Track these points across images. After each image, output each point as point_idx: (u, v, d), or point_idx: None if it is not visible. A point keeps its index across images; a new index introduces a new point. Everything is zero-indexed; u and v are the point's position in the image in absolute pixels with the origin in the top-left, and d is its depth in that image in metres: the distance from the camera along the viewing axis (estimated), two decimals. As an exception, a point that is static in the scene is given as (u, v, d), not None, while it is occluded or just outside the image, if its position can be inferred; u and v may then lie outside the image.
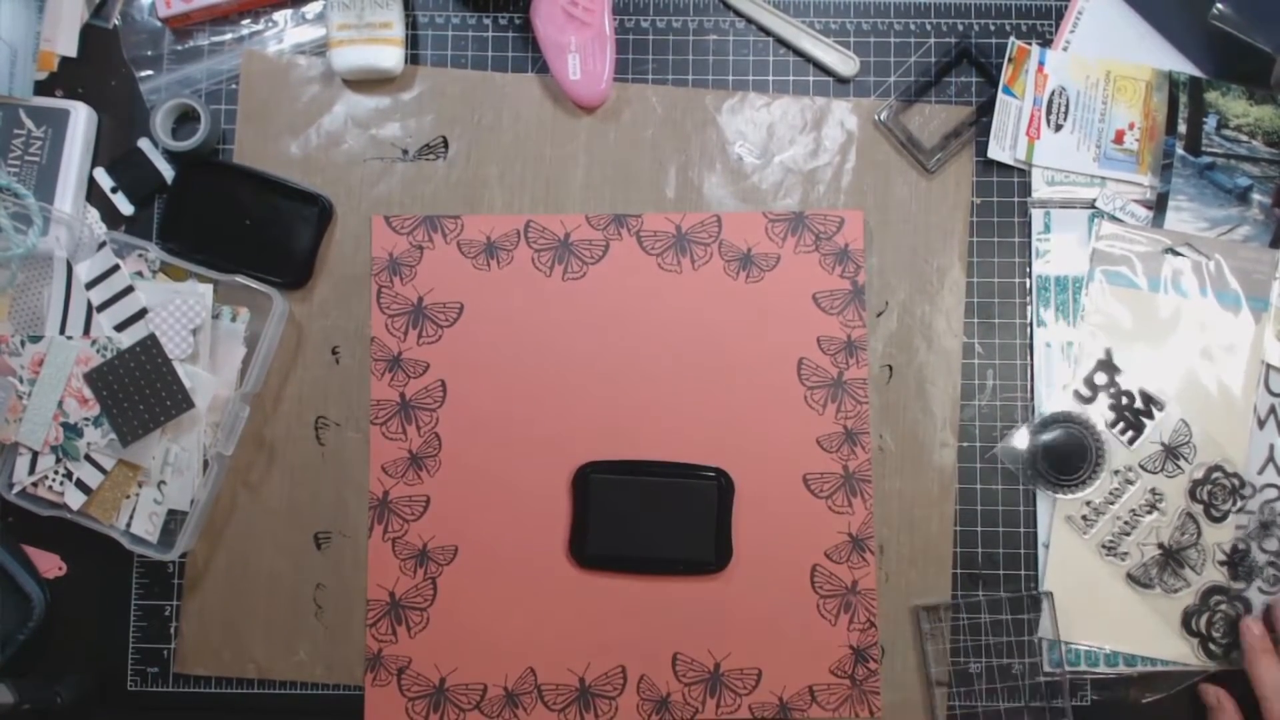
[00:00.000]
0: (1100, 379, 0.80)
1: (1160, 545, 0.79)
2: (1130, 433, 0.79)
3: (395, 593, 0.79)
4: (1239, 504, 0.79)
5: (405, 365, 0.81)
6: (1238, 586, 0.79)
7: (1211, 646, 0.78)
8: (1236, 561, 0.78)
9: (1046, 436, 0.80)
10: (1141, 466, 0.79)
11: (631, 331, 0.81)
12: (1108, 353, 0.80)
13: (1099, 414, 0.79)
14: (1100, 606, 0.79)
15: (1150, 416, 0.79)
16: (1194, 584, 0.79)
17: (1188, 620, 0.79)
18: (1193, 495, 0.79)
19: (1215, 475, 0.79)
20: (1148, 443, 0.80)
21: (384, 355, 0.81)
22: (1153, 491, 0.79)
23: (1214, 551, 0.79)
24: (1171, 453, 0.79)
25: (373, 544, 0.80)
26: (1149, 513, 0.79)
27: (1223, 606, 0.78)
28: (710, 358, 0.80)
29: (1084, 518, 0.79)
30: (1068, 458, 0.79)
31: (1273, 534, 0.79)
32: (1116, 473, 0.79)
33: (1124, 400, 0.80)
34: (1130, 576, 0.79)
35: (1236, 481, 0.79)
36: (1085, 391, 0.80)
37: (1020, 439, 0.79)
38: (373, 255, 0.81)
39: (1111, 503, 0.79)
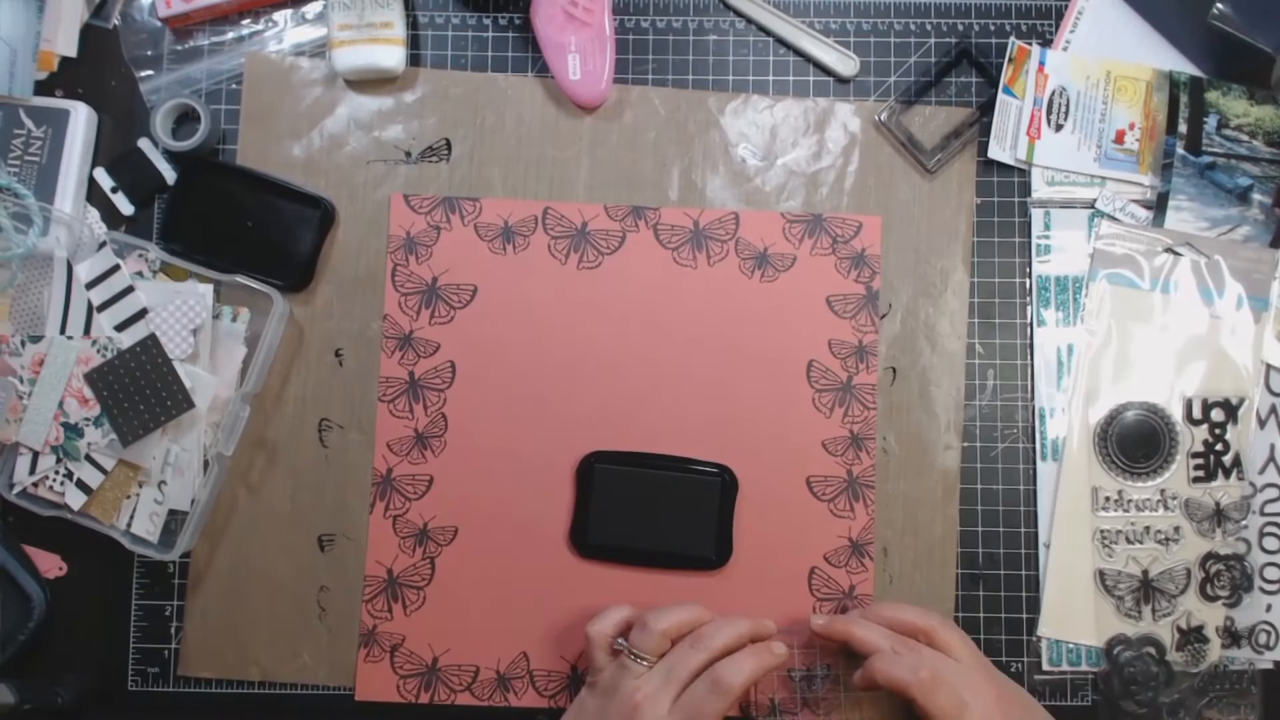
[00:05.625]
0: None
1: (1144, 573, 0.79)
2: (1203, 473, 0.80)
3: (393, 570, 0.80)
4: (1236, 596, 0.79)
5: (416, 344, 0.81)
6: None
7: (1191, 651, 0.79)
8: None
9: (1119, 421, 0.80)
10: (1187, 503, 0.79)
11: (644, 324, 0.81)
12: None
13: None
14: (1101, 606, 0.79)
15: (1227, 477, 0.80)
16: (1145, 621, 0.79)
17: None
18: (1203, 562, 0.79)
19: (1231, 562, 0.79)
20: (1206, 492, 0.80)
21: (395, 333, 0.81)
22: (1175, 529, 0.79)
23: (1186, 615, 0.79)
24: (1220, 515, 0.79)
25: (373, 520, 0.80)
26: (1159, 541, 0.79)
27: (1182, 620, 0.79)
28: (721, 354, 0.81)
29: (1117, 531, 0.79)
30: (1139, 444, 0.80)
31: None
32: (1164, 490, 0.79)
33: (1218, 448, 0.80)
34: (1100, 572, 0.79)
35: (1240, 576, 0.79)
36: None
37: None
38: (390, 233, 0.81)
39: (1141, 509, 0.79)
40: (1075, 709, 0.79)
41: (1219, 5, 0.79)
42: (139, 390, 0.75)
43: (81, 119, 0.80)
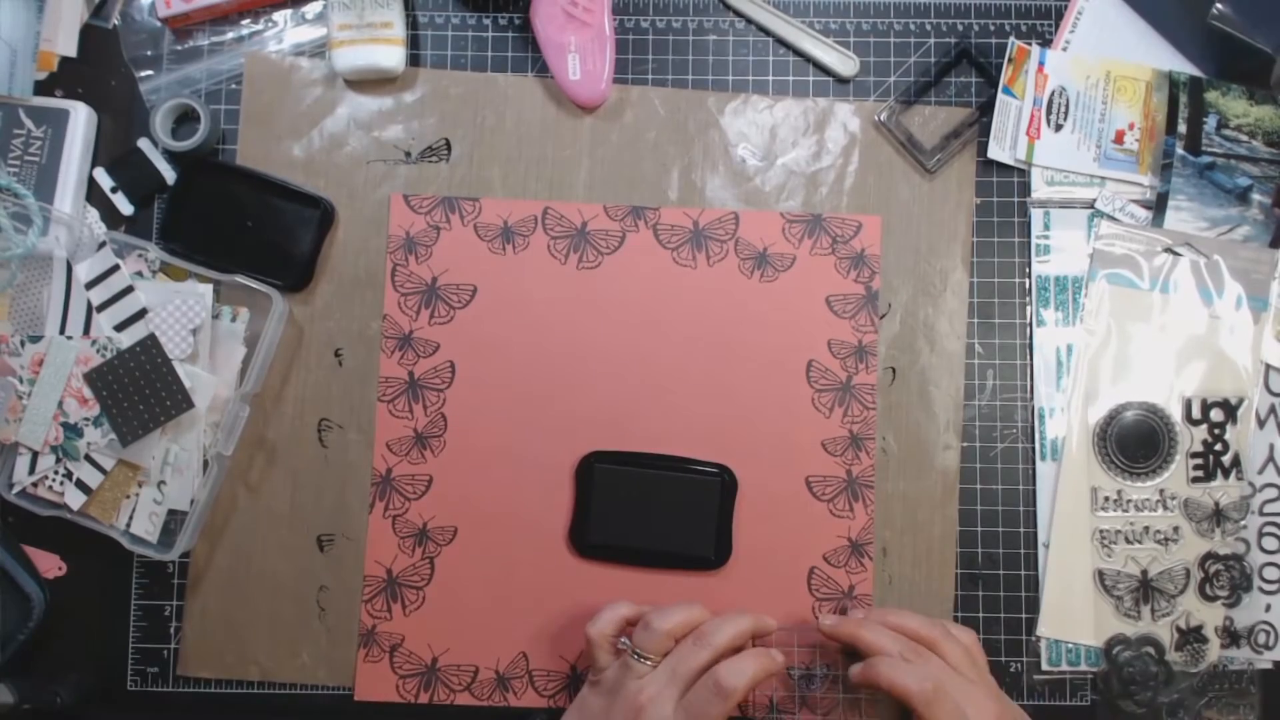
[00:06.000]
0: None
1: (1143, 573, 0.79)
2: (1202, 473, 0.80)
3: (392, 570, 0.80)
4: (1235, 596, 0.79)
5: (415, 344, 0.81)
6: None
7: (1190, 651, 0.79)
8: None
9: (1119, 421, 0.80)
10: (1186, 503, 0.79)
11: (643, 324, 0.81)
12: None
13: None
14: (1100, 606, 0.79)
15: (1227, 477, 0.80)
16: (1144, 621, 0.79)
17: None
18: (1202, 562, 0.79)
19: (1230, 561, 0.79)
20: (1206, 492, 0.80)
21: (395, 333, 0.81)
22: (1174, 529, 0.79)
23: (1184, 616, 0.79)
24: (1219, 515, 0.79)
25: (372, 520, 0.80)
26: (1159, 541, 0.79)
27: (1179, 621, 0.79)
28: (720, 355, 0.81)
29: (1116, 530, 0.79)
30: (1138, 444, 0.80)
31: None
32: (1163, 490, 0.80)
33: (1217, 448, 0.80)
34: (1099, 572, 0.79)
35: (1239, 575, 0.79)
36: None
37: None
38: (389, 233, 0.82)
39: (1140, 509, 0.79)
40: (1074, 709, 0.79)
41: (1219, 5, 0.79)
42: (138, 390, 0.75)
43: (81, 119, 0.80)
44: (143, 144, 0.82)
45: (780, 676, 0.77)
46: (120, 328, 0.77)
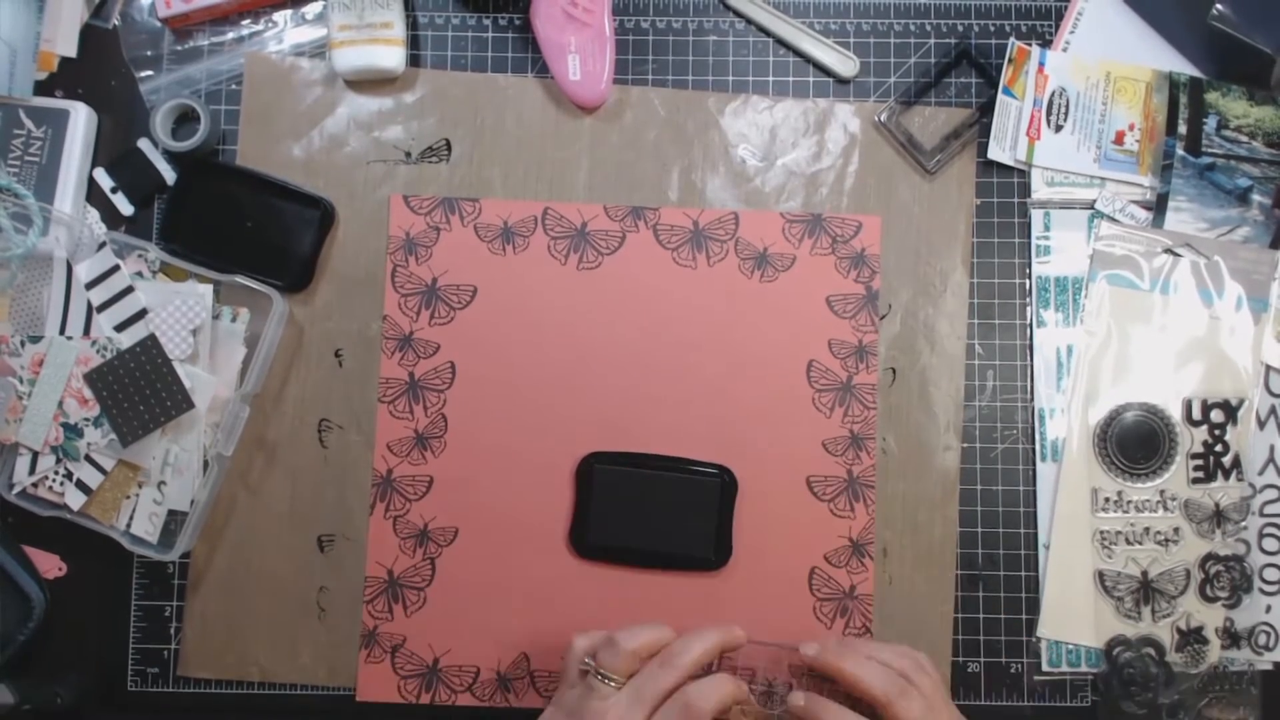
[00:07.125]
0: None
1: (1144, 574, 0.79)
2: (1202, 474, 0.80)
3: (394, 571, 0.80)
4: (1236, 597, 0.79)
5: (416, 345, 0.81)
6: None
7: (1191, 652, 0.79)
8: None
9: (1119, 422, 0.80)
10: (1187, 504, 0.79)
11: (644, 324, 0.81)
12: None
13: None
14: (1100, 607, 0.79)
15: (1227, 478, 0.80)
16: (1145, 622, 0.79)
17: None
18: (1202, 563, 0.79)
19: (1230, 562, 0.79)
20: (1206, 493, 0.80)
21: (395, 334, 0.81)
22: (1175, 530, 0.79)
23: (1185, 617, 0.79)
24: (1219, 516, 0.79)
25: (374, 521, 0.80)
26: (1159, 542, 0.79)
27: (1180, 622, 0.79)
28: (721, 355, 0.81)
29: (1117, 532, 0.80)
30: (1138, 445, 0.80)
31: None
32: (1163, 491, 0.80)
33: (1218, 449, 0.80)
34: (1100, 573, 0.79)
35: (1240, 577, 0.79)
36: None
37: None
38: (389, 234, 0.82)
39: (1140, 510, 0.79)
40: (1075, 710, 0.79)
41: (1219, 5, 0.79)
42: (139, 390, 0.75)
43: (81, 119, 0.80)
44: (143, 144, 0.82)
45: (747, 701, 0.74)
46: (120, 328, 0.77)
